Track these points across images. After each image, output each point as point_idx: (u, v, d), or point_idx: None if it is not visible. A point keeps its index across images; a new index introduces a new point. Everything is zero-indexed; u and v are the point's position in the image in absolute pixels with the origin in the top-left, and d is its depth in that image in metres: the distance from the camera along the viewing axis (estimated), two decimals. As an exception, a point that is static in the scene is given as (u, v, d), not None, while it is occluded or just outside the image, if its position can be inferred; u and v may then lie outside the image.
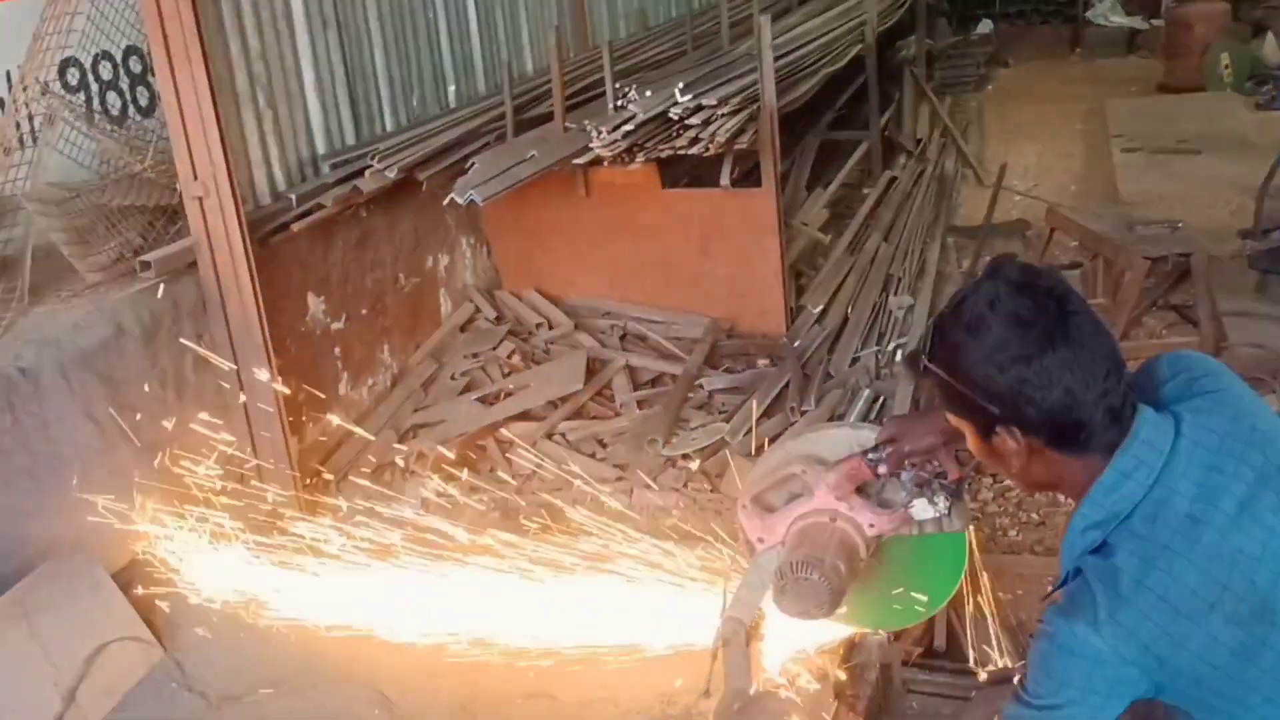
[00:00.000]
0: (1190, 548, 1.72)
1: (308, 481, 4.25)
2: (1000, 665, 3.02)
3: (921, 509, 2.56)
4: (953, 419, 1.92)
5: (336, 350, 4.86)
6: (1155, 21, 12.32)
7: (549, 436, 4.78)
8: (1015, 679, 1.90)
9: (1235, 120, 8.89)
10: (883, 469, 2.53)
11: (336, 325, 4.84)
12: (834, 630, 2.95)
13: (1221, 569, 1.71)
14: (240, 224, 4.03)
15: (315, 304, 4.73)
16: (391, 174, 4.82)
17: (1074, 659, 1.74)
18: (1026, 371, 1.74)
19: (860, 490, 2.61)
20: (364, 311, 5.04)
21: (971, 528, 2.68)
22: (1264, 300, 5.56)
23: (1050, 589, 1.84)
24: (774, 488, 2.72)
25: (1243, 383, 1.91)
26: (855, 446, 2.63)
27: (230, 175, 3.99)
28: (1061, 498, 3.57)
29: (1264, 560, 1.72)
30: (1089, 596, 1.73)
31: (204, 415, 4.01)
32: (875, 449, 2.53)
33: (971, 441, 1.91)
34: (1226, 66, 9.94)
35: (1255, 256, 5.83)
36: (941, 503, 2.54)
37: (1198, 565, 1.71)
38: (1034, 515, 4.00)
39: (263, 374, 4.10)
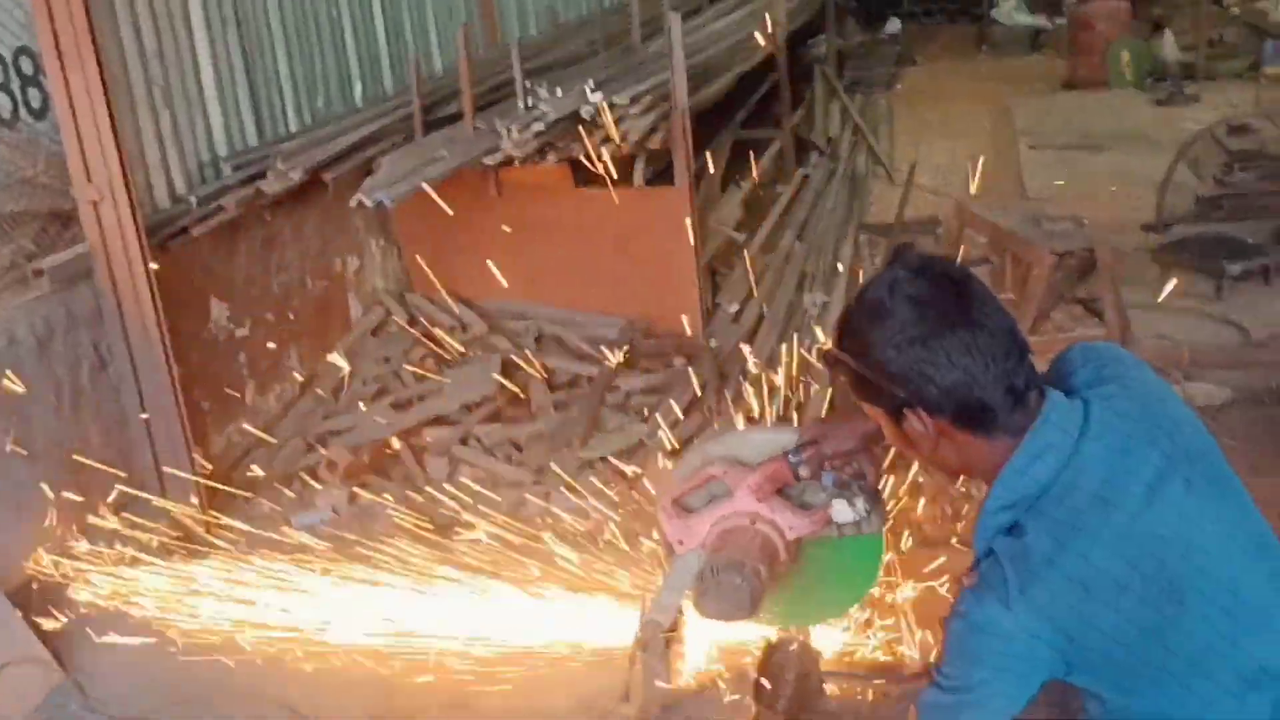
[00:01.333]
0: (1100, 528, 1.74)
1: (213, 494, 4.13)
2: (917, 660, 3.02)
3: (841, 511, 2.55)
4: (866, 408, 1.93)
5: (242, 357, 4.74)
6: (1058, 20, 12.56)
7: (464, 441, 4.70)
8: (932, 666, 1.91)
9: (1136, 116, 9.10)
10: (804, 471, 2.52)
11: (241, 331, 4.72)
12: (752, 630, 2.93)
13: (1131, 550, 1.73)
14: (138, 229, 3.91)
15: (218, 310, 4.60)
16: (296, 175, 4.71)
17: (986, 638, 1.76)
18: (925, 352, 1.77)
19: (780, 492, 2.60)
20: (270, 317, 4.91)
21: (887, 528, 2.69)
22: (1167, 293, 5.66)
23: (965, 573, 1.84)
24: (694, 490, 2.69)
25: (1151, 370, 1.94)
26: (775, 448, 2.61)
27: (126, 179, 3.87)
28: (975, 491, 3.61)
29: (1172, 542, 1.74)
30: (1000, 576, 1.75)
31: (102, 427, 3.88)
32: (796, 451, 2.52)
33: (885, 429, 1.93)
34: (1127, 64, 10.16)
35: (1158, 250, 5.95)
36: (861, 505, 2.53)
37: (1108, 546, 1.73)
38: (948, 509, 4.02)
39: (163, 384, 3.98)
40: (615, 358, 4.99)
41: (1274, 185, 6.52)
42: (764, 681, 2.80)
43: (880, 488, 2.63)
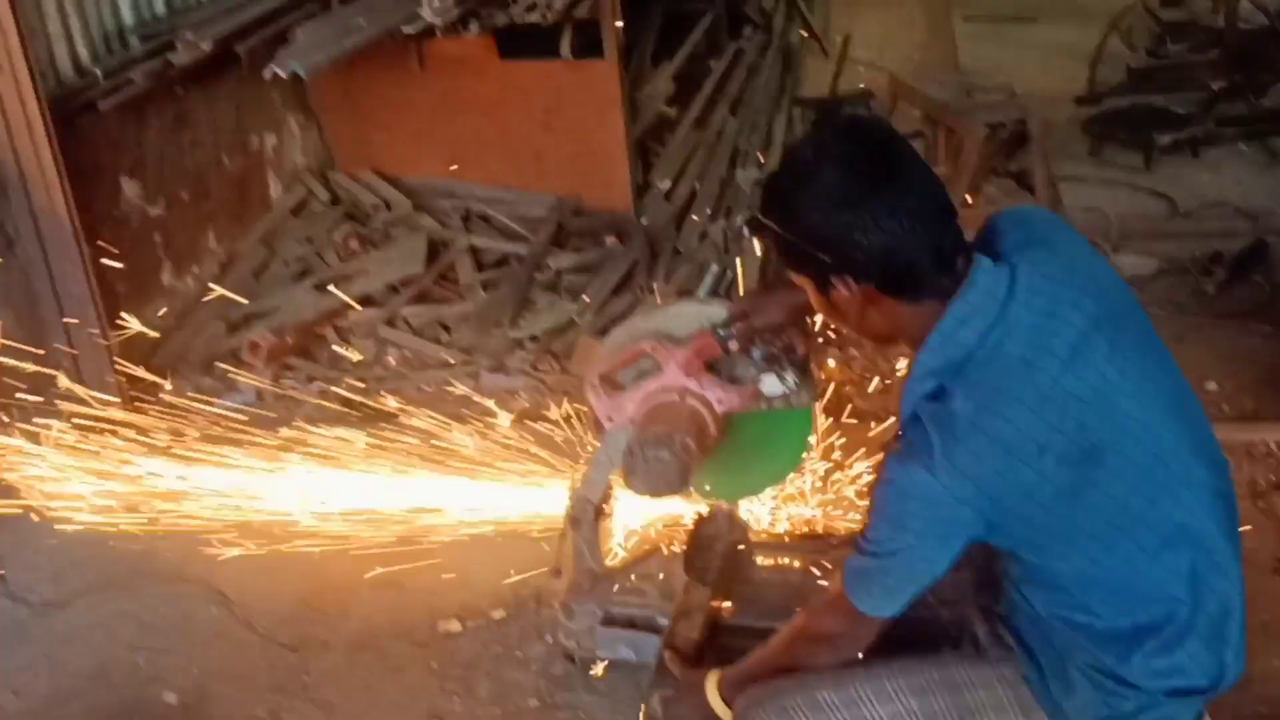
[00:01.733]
0: (1023, 390, 1.74)
1: (130, 379, 4.02)
2: (845, 531, 3.05)
3: (771, 385, 2.55)
4: (794, 277, 1.91)
5: (157, 237, 4.58)
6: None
7: (390, 323, 4.62)
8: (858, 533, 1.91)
9: (1070, -12, 9.01)
10: (733, 345, 2.51)
11: (155, 210, 4.55)
12: (682, 505, 2.93)
13: (1053, 411, 1.73)
14: (40, 103, 3.73)
15: (130, 188, 4.43)
16: (206, 45, 4.48)
17: (910, 501, 1.77)
18: (851, 215, 1.75)
19: (710, 367, 2.58)
20: (185, 196, 4.74)
21: (818, 402, 2.68)
22: (1097, 164, 5.67)
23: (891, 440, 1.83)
24: (622, 365, 2.66)
25: (1079, 235, 1.93)
26: (705, 322, 2.59)
27: (26, 50, 3.68)
28: (904, 365, 3.61)
29: (1093, 404, 1.75)
30: (924, 440, 1.75)
31: (12, 309, 3.75)
32: (725, 325, 2.51)
33: (813, 297, 1.90)
34: (1062, -66, 10.01)
35: (1089, 122, 5.94)
36: (790, 378, 2.53)
37: (1030, 407, 1.73)
38: (878, 382, 4.03)
39: (74, 263, 3.84)
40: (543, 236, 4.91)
41: (1205, 57, 6.52)
42: (694, 554, 2.82)
43: (811, 361, 2.62)
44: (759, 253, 4.82)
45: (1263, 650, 2.75)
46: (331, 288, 4.62)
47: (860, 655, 2.08)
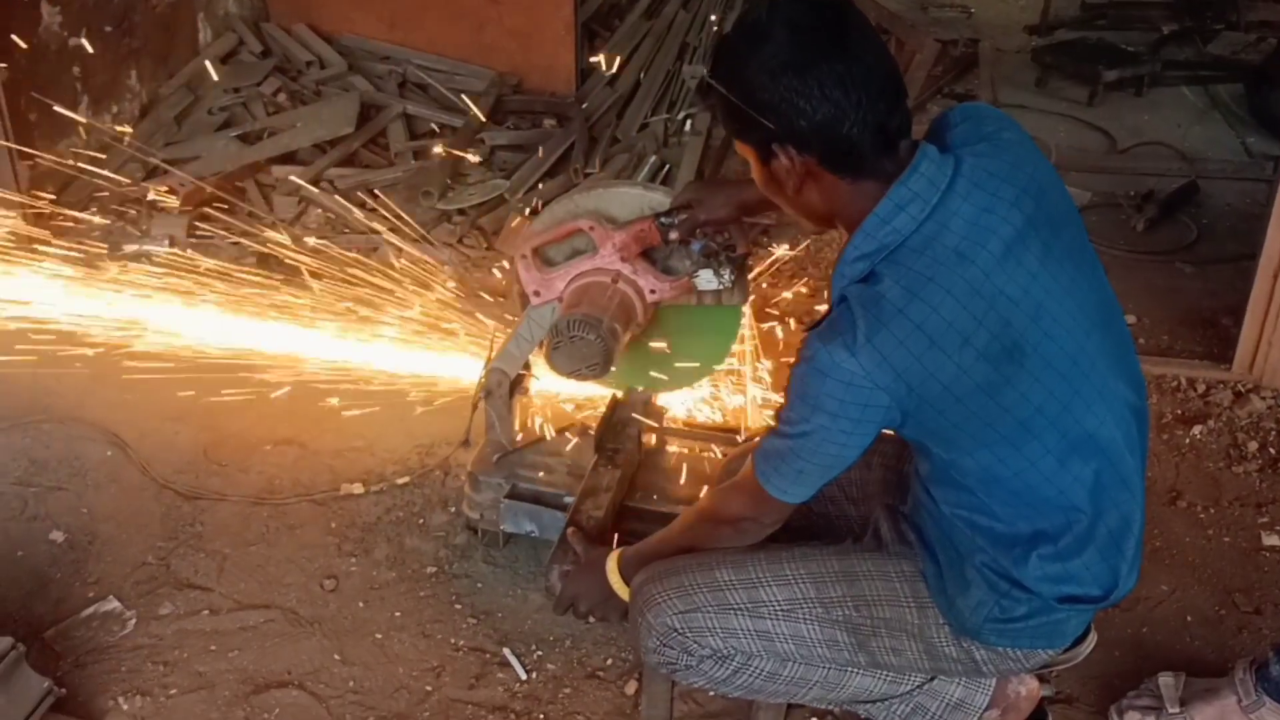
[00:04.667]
0: (953, 281, 1.72)
1: (41, 216, 3.86)
2: (760, 425, 3.05)
3: (706, 280, 2.52)
4: (738, 146, 1.87)
5: (76, 70, 4.36)
6: None
7: (315, 183, 4.48)
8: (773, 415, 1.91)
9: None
10: (674, 235, 2.48)
11: (75, 41, 4.33)
12: (598, 386, 2.90)
13: (980, 305, 1.72)
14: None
15: (49, 14, 4.20)
16: None
17: (828, 381, 1.75)
18: (797, 81, 1.71)
19: (646, 254, 2.54)
20: (108, 29, 4.52)
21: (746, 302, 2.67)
22: (1042, 95, 5.67)
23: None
24: (557, 241, 2.61)
25: (1029, 137, 1.90)
26: (646, 209, 2.55)
27: None
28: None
29: (1021, 303, 1.74)
30: (849, 321, 1.73)
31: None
32: (669, 214, 2.47)
33: (754, 170, 1.87)
34: None
35: (1038, 51, 5.92)
36: (727, 275, 2.51)
37: (958, 299, 1.72)
38: (803, 289, 4.01)
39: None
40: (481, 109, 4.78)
41: (1159, -2, 6.51)
42: (605, 435, 2.80)
43: (748, 261, 2.59)
44: (699, 149, 4.77)
45: (1152, 574, 2.82)
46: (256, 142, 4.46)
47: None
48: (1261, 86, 5.40)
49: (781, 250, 3.89)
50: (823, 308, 2.01)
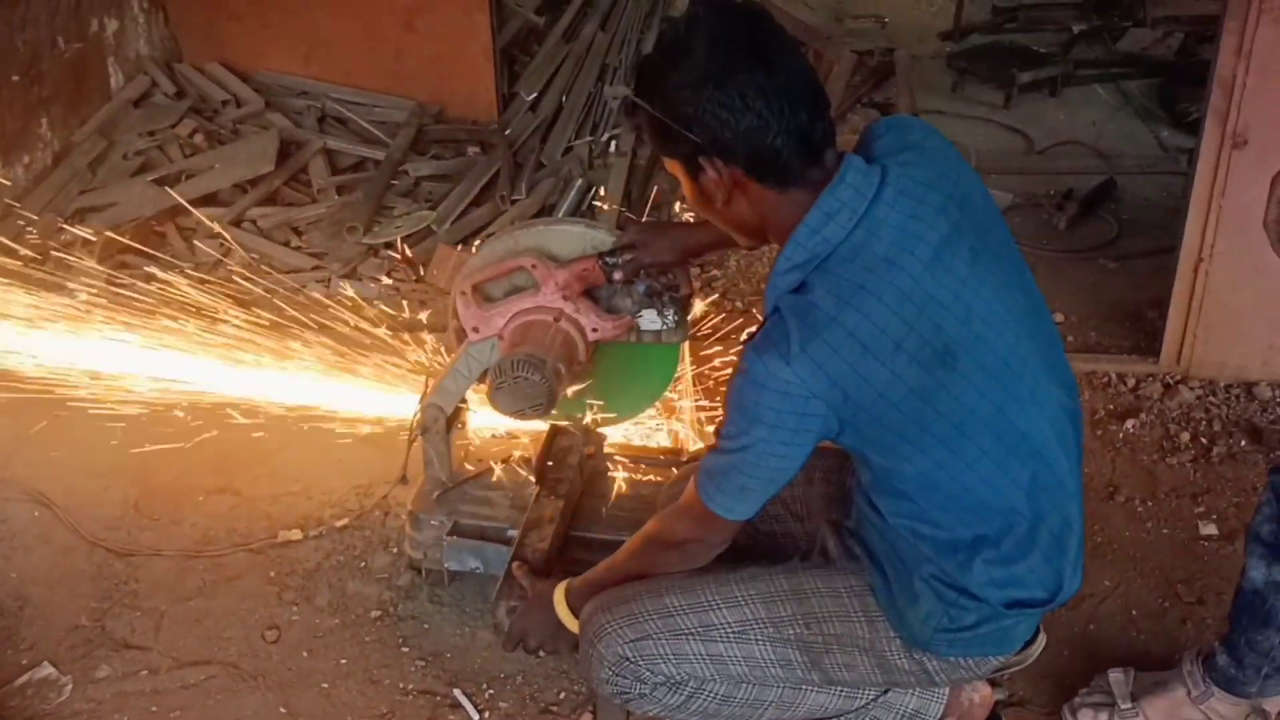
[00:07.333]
0: (883, 288, 1.74)
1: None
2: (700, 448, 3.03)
3: (649, 320, 2.55)
4: (666, 164, 1.89)
5: (-16, 121, 4.27)
6: None
7: (238, 223, 4.41)
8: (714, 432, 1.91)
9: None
10: (618, 276, 2.49)
11: (-19, 92, 4.24)
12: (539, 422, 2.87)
13: (911, 311, 1.74)
14: None
15: (-48, 66, 4.11)
16: (39, -84, 4.17)
17: (764, 392, 1.76)
18: (719, 93, 1.73)
19: (588, 293, 2.53)
20: (15, 78, 4.41)
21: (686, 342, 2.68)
22: (959, 100, 5.74)
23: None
24: (497, 278, 2.59)
25: (952, 145, 1.93)
26: (589, 247, 2.55)
27: None
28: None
29: (951, 307, 1.76)
30: (783, 332, 1.74)
31: None
32: (613, 254, 2.48)
33: (684, 186, 1.89)
34: None
35: (953, 57, 6.00)
36: (670, 316, 2.54)
37: (889, 305, 1.73)
38: (739, 304, 4.02)
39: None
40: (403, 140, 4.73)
41: (1067, -1, 6.62)
42: (546, 466, 2.77)
43: (691, 302, 2.61)
44: (624, 171, 4.77)
45: (1095, 571, 2.84)
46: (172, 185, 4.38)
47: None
48: (1173, 80, 5.52)
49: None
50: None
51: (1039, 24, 6.35)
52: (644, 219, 4.38)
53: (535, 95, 5.35)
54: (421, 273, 4.18)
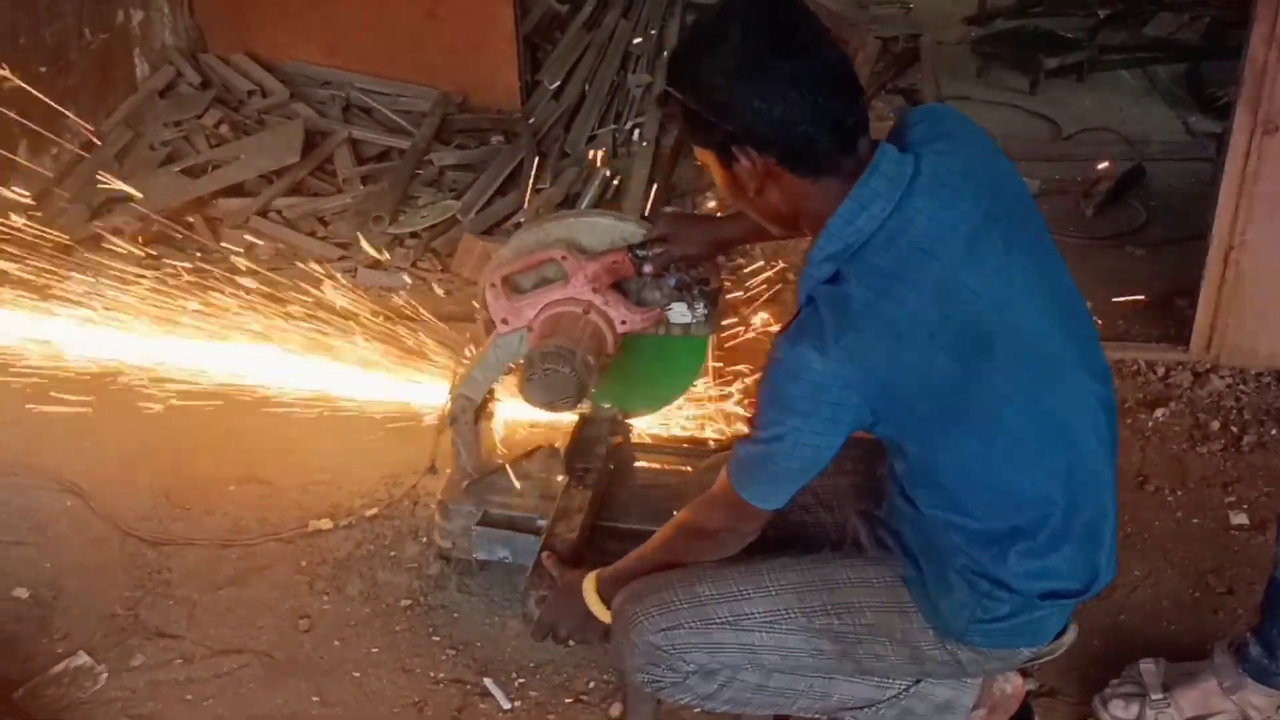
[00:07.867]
0: (918, 277, 1.73)
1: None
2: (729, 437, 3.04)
3: (679, 313, 2.55)
4: (699, 154, 1.88)
5: (13, 112, 4.28)
6: None
7: (263, 213, 4.43)
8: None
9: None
10: (648, 269, 2.48)
11: (11, 84, 4.25)
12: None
13: (946, 301, 1.73)
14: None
15: (-19, 57, 4.13)
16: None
17: (798, 383, 1.74)
18: (753, 82, 1.72)
19: (617, 285, 2.53)
20: (43, 70, 4.44)
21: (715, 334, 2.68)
22: (984, 86, 5.71)
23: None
24: (526, 269, 2.58)
25: (985, 134, 1.91)
26: (620, 240, 2.54)
27: None
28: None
29: (986, 297, 1.75)
30: (817, 322, 1.73)
31: None
32: (643, 246, 2.47)
33: (716, 176, 1.88)
34: None
35: (978, 42, 5.96)
36: (700, 310, 2.53)
37: (923, 294, 1.72)
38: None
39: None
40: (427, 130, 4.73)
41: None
42: (575, 455, 2.77)
43: (721, 296, 2.61)
44: (649, 158, 4.76)
45: (1125, 561, 2.79)
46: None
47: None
48: (1200, 65, 5.47)
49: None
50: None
51: (1065, 8, 6.30)
52: (668, 208, 4.38)
53: (558, 84, 5.35)
54: (447, 262, 4.18)
